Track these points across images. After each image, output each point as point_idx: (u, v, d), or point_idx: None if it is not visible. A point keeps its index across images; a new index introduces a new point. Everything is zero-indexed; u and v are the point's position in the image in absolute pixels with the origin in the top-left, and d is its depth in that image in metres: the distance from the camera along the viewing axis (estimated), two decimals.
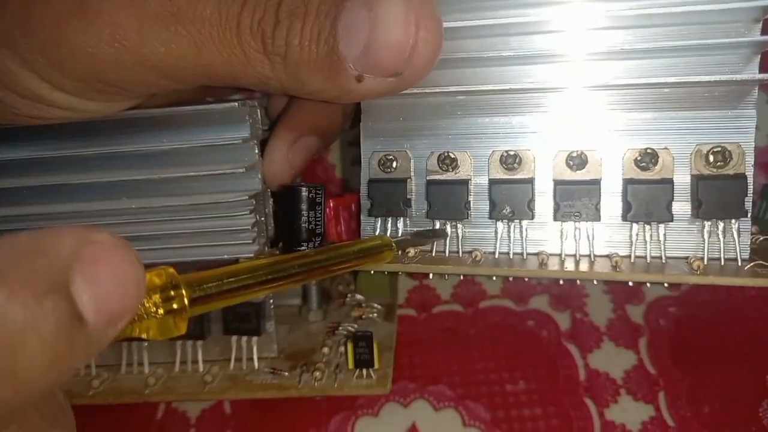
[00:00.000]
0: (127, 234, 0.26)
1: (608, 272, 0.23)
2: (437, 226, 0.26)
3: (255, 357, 0.28)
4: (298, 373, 0.27)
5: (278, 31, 0.20)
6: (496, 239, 0.25)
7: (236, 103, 0.24)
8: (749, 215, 0.23)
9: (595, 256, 0.24)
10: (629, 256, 0.24)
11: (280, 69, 0.21)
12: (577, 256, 0.24)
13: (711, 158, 0.23)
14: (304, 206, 0.25)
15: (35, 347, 0.12)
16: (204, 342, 0.28)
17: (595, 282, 0.25)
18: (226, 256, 0.26)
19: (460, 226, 0.26)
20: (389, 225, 0.26)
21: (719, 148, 0.23)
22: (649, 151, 0.24)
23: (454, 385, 0.33)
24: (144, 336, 0.15)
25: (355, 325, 0.31)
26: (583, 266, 0.24)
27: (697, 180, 0.23)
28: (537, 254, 0.24)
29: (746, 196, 0.23)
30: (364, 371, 0.27)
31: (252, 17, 0.20)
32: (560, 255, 0.25)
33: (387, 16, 0.19)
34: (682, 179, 0.24)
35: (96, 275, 0.12)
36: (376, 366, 0.27)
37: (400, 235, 0.26)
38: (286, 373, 0.27)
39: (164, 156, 0.25)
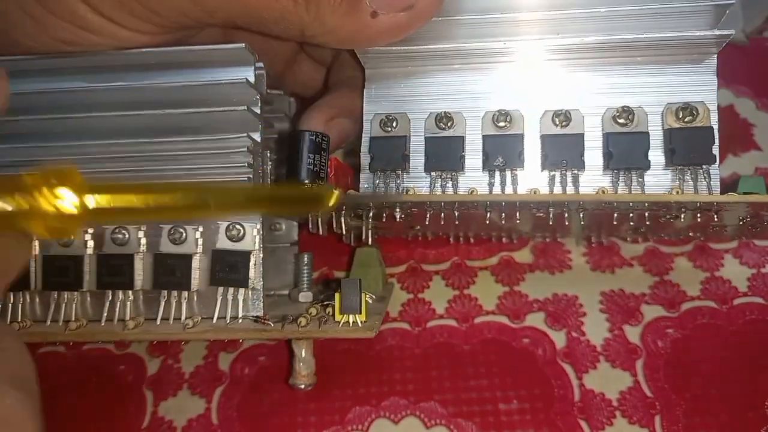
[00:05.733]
0: (128, 154, 0.27)
1: (594, 194, 0.24)
2: (433, 176, 0.27)
3: (239, 313, 0.27)
4: (282, 323, 0.26)
5: None
6: (491, 185, 0.26)
7: (243, 44, 0.26)
8: (717, 162, 0.25)
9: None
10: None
11: (302, 4, 0.24)
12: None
13: (680, 114, 0.26)
14: (310, 147, 0.26)
15: None
16: (188, 294, 0.27)
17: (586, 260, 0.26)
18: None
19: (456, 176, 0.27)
20: (389, 181, 0.28)
21: (687, 106, 0.26)
22: (626, 108, 0.26)
23: (446, 402, 0.31)
24: (35, 231, 0.16)
25: None
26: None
27: (670, 132, 0.26)
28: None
29: (713, 144, 0.25)
30: (350, 318, 0.26)
31: None
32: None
33: None
34: (655, 134, 0.26)
35: None
36: (364, 319, 0.26)
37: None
38: (271, 324, 0.26)
39: (173, 93, 0.26)
